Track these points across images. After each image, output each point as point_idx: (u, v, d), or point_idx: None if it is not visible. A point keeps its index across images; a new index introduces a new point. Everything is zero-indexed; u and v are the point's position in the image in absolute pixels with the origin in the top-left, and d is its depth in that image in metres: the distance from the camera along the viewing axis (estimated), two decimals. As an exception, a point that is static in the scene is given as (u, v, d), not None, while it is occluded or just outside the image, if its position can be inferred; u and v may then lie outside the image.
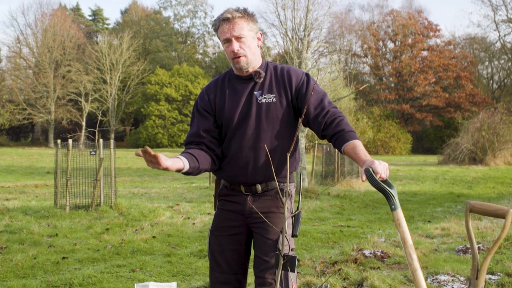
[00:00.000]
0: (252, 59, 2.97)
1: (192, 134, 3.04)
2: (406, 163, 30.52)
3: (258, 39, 3.01)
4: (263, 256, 2.94)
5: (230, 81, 3.07)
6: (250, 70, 2.99)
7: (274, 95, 2.97)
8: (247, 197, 3.03)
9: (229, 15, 2.90)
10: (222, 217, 3.09)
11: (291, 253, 2.90)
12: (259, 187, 3.01)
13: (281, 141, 2.98)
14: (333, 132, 2.85)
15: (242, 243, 3.07)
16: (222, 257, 3.05)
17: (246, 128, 2.95)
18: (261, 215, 2.93)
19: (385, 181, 2.56)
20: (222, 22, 2.91)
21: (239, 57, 2.92)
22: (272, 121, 2.96)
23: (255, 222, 3.00)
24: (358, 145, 2.76)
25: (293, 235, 2.90)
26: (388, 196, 2.52)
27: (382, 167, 2.56)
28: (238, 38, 2.91)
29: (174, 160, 2.69)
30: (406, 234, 2.47)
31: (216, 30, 2.98)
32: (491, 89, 57.91)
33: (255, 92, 2.99)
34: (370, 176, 2.52)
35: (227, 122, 2.99)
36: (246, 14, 2.95)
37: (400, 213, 2.50)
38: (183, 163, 2.75)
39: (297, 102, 2.98)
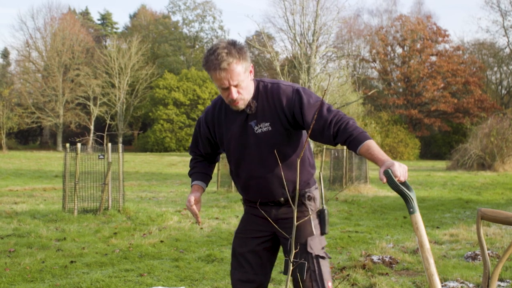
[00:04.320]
0: (248, 97, 2.92)
1: (196, 152, 3.32)
2: (414, 169, 30.40)
3: (251, 72, 2.91)
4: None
5: (227, 109, 3.05)
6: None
7: (268, 123, 2.93)
8: (272, 206, 3.10)
9: (225, 65, 2.74)
10: (249, 220, 3.18)
11: (321, 252, 2.99)
12: (281, 199, 3.07)
13: (287, 159, 3.00)
14: (343, 139, 2.80)
15: (265, 247, 3.14)
16: (243, 259, 3.12)
17: (249, 160, 3.00)
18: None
19: (403, 184, 2.54)
20: (219, 71, 2.75)
21: (238, 101, 2.88)
22: (273, 146, 2.94)
23: (282, 228, 3.05)
24: (371, 146, 2.71)
25: (322, 233, 3.01)
26: (406, 199, 2.52)
27: (401, 170, 2.53)
28: (236, 85, 2.83)
29: (196, 195, 3.12)
30: (424, 238, 2.46)
31: (206, 69, 2.83)
32: (500, 95, 57.71)
33: (250, 123, 2.96)
34: (390, 178, 2.51)
35: (228, 152, 3.09)
36: (238, 53, 2.78)
37: (418, 216, 2.49)
38: (203, 189, 3.21)
39: (294, 119, 2.92)
